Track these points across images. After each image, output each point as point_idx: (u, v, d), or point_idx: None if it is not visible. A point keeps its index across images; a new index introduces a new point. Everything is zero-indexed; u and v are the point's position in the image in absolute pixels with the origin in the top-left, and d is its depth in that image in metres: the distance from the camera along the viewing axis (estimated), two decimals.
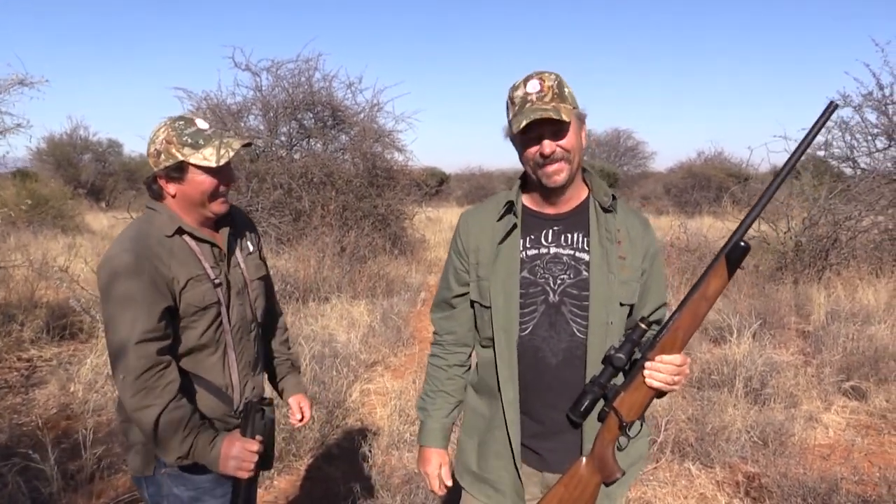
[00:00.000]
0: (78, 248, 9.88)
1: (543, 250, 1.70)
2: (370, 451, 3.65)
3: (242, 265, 1.94)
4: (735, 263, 1.53)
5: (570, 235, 1.70)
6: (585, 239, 1.69)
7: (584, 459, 1.59)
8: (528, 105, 1.58)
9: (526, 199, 1.76)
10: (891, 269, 8.32)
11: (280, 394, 2.24)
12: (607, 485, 1.59)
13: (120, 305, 1.64)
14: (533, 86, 1.60)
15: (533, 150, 1.60)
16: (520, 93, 1.61)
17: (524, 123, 1.54)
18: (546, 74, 1.62)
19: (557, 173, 1.61)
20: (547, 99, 1.58)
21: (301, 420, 2.20)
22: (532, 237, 1.71)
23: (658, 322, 1.73)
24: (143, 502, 1.88)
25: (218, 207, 1.82)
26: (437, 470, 1.86)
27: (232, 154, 1.76)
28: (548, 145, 1.58)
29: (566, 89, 1.62)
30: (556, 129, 1.58)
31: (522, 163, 1.68)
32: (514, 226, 1.70)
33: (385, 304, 7.35)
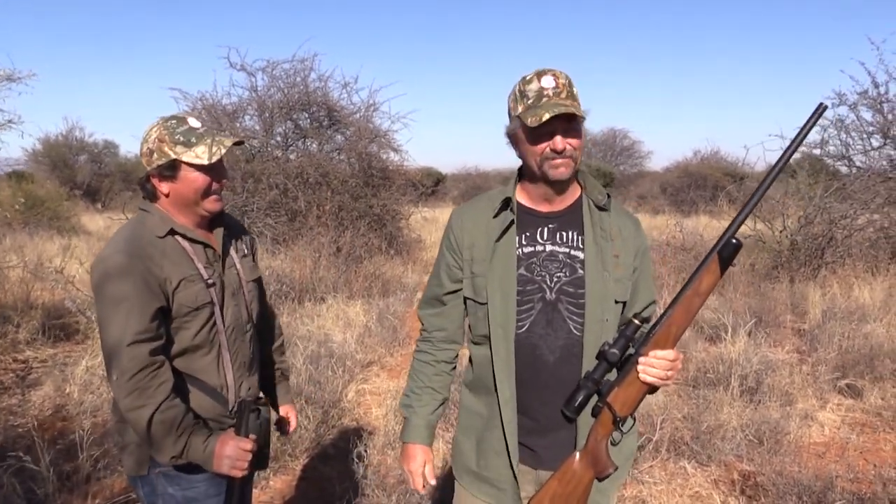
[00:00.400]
0: (73, 249, 9.84)
1: (539, 248, 1.70)
2: (366, 451, 3.64)
3: (238, 266, 1.95)
4: (727, 260, 1.55)
5: (565, 233, 1.71)
6: (580, 237, 1.70)
7: (577, 455, 1.60)
8: (545, 99, 1.59)
9: (521, 197, 1.76)
10: (886, 267, 8.34)
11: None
12: (600, 480, 1.60)
13: (112, 306, 1.65)
14: (548, 81, 1.61)
15: (544, 144, 1.61)
16: (534, 86, 1.61)
17: (547, 117, 1.54)
18: (558, 72, 1.63)
19: (565, 167, 1.62)
20: (563, 96, 1.60)
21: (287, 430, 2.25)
22: (528, 234, 1.72)
23: (648, 319, 1.74)
24: (139, 502, 1.88)
25: (211, 205, 1.82)
26: (421, 467, 1.85)
27: (224, 151, 1.77)
28: (560, 141, 1.59)
29: (575, 88, 1.64)
30: (568, 126, 1.60)
31: (525, 156, 1.68)
32: (512, 222, 1.70)
33: (381, 304, 7.34)
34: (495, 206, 1.73)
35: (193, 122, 1.80)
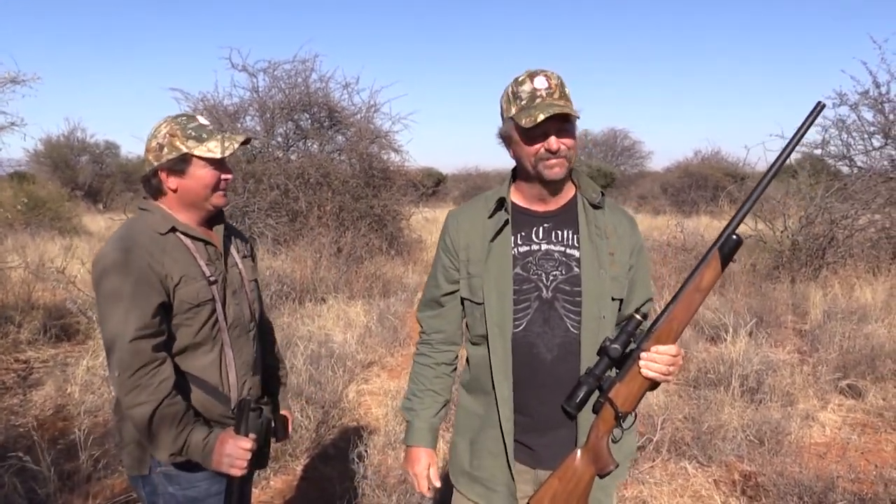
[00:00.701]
0: (75, 249, 9.85)
1: (535, 247, 1.71)
2: (366, 451, 3.64)
3: (240, 265, 1.95)
4: (728, 256, 1.56)
5: (560, 232, 1.72)
6: (575, 236, 1.71)
7: (578, 452, 1.60)
8: (538, 100, 1.59)
9: (516, 197, 1.77)
10: (888, 267, 8.33)
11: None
12: (601, 477, 1.60)
13: (112, 302, 1.65)
14: (541, 82, 1.61)
15: (538, 145, 1.61)
16: (527, 88, 1.62)
17: (542, 118, 1.54)
18: (550, 72, 1.64)
19: (559, 167, 1.63)
20: (556, 96, 1.60)
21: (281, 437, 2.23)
22: (523, 234, 1.72)
23: (647, 316, 1.74)
24: (140, 502, 1.88)
25: (218, 200, 1.85)
26: (426, 470, 1.85)
27: (236, 146, 1.80)
28: (555, 142, 1.59)
29: (567, 89, 1.64)
30: (562, 126, 1.60)
31: (520, 156, 1.68)
32: (506, 222, 1.71)
33: (381, 304, 7.34)
34: (490, 206, 1.74)
35: (203, 120, 1.84)
